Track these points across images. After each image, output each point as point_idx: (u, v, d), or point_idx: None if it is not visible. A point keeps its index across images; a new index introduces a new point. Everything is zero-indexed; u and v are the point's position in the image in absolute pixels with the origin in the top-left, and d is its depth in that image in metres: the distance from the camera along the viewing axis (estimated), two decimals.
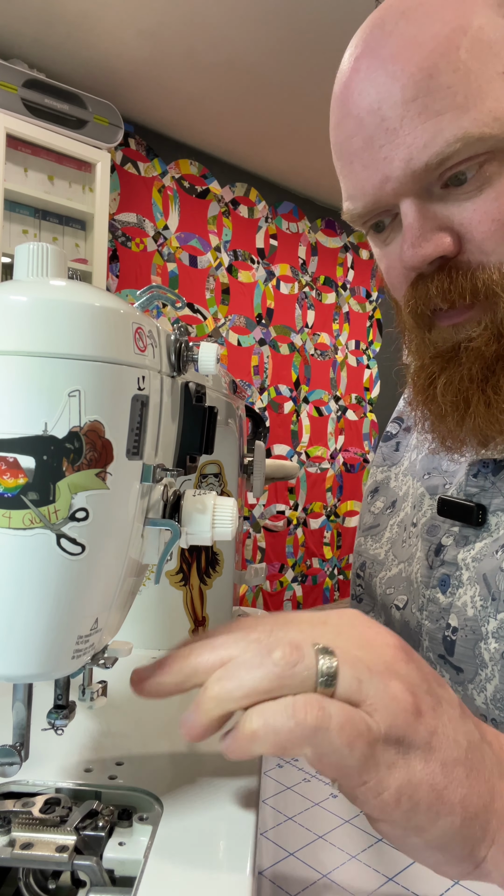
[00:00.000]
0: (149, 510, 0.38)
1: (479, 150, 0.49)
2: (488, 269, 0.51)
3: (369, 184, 0.54)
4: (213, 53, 2.48)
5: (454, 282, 0.52)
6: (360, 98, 0.52)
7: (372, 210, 0.56)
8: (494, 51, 0.49)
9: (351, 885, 0.41)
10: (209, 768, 0.43)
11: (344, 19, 2.18)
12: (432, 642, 0.62)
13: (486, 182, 0.50)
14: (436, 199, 0.52)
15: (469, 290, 0.52)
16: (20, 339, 0.30)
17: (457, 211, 0.52)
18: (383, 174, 0.52)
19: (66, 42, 2.42)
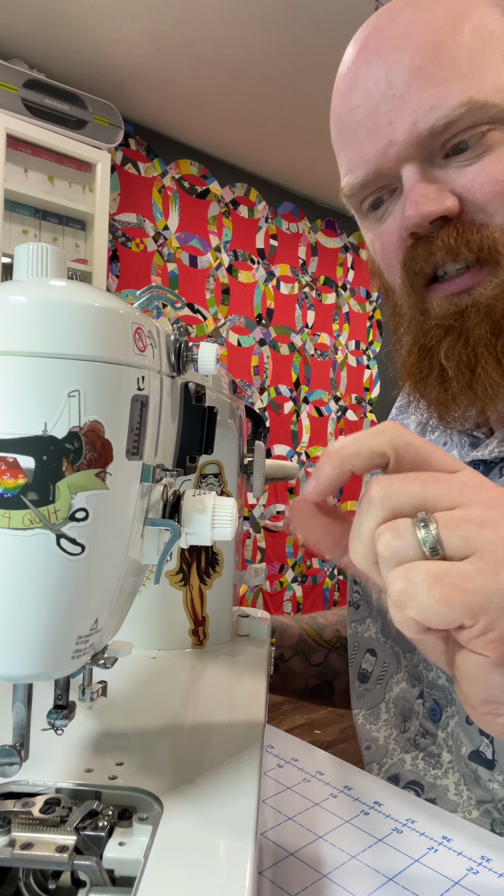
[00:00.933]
0: (148, 510, 0.38)
1: (481, 119, 0.50)
2: (491, 229, 0.52)
3: (372, 150, 0.54)
4: (214, 54, 2.48)
5: (461, 235, 0.52)
6: (368, 71, 0.54)
7: (374, 179, 0.56)
8: (495, 36, 0.52)
9: (351, 885, 0.41)
10: (209, 768, 0.43)
11: (344, 20, 2.18)
12: None
13: (488, 149, 0.51)
14: (437, 166, 0.53)
15: (476, 244, 0.52)
16: (20, 339, 0.30)
17: (457, 175, 0.52)
18: (388, 139, 0.53)
19: (66, 42, 2.42)
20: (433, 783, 0.60)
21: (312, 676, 0.84)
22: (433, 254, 0.54)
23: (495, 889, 0.42)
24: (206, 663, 0.61)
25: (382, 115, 0.53)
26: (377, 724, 0.69)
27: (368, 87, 0.53)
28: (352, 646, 0.75)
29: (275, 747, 0.59)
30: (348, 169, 0.58)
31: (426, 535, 0.31)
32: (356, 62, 0.55)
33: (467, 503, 0.32)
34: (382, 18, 0.55)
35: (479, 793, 0.56)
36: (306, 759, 0.57)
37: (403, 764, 0.64)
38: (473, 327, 0.53)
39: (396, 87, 0.52)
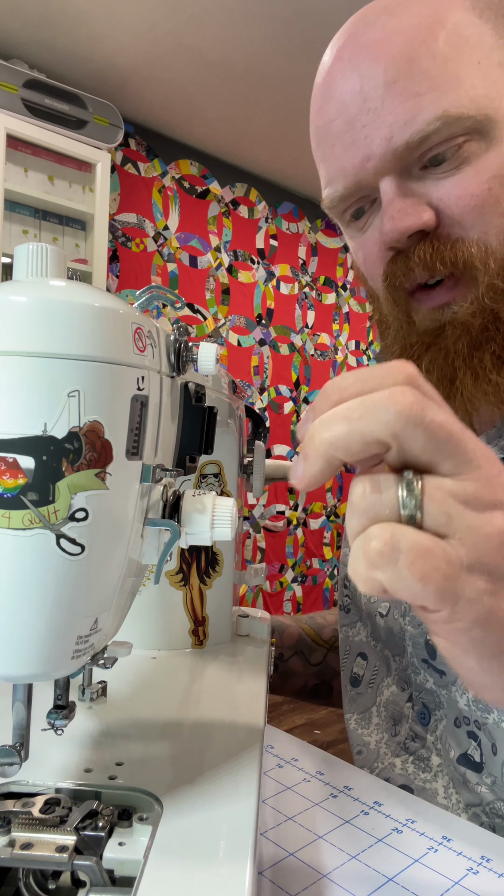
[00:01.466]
0: (148, 510, 0.38)
1: (457, 131, 0.51)
2: (467, 243, 0.52)
3: (350, 164, 0.54)
4: (214, 54, 2.48)
5: (436, 251, 0.53)
6: (343, 82, 0.54)
7: (352, 192, 0.56)
8: (470, 43, 0.51)
9: (351, 885, 0.41)
10: (209, 768, 0.43)
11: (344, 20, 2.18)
12: (415, 647, 0.62)
13: (465, 161, 0.52)
14: (415, 178, 0.53)
15: (450, 259, 0.52)
16: (20, 339, 0.30)
17: (435, 188, 0.53)
18: (364, 153, 0.53)
19: (66, 42, 2.42)
20: (423, 787, 0.60)
21: (311, 676, 0.84)
22: (411, 269, 0.54)
23: (495, 889, 0.42)
24: (206, 663, 0.61)
25: (358, 129, 0.53)
26: (368, 728, 0.69)
27: (344, 99, 0.54)
28: (343, 649, 0.75)
29: (275, 747, 0.59)
30: (328, 181, 0.58)
31: (408, 498, 0.30)
32: (331, 72, 0.56)
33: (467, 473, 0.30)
34: (358, 26, 0.55)
35: (468, 796, 0.56)
36: (306, 759, 0.57)
37: (394, 768, 0.64)
38: (452, 343, 0.54)
39: (372, 100, 0.52)
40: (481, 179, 0.51)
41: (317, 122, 0.58)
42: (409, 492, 0.30)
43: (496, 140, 0.51)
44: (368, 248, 0.59)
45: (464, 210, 0.52)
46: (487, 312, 0.53)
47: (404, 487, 0.30)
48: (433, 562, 0.29)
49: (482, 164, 0.51)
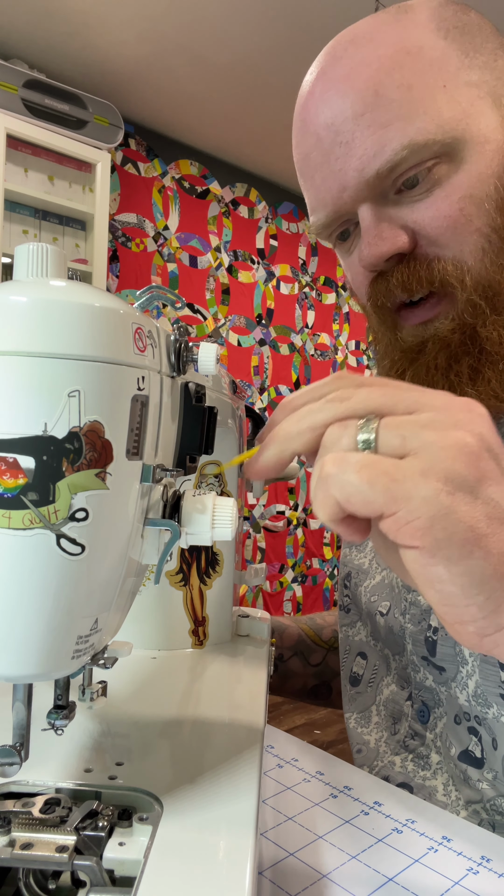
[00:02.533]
0: (148, 510, 0.38)
1: (425, 156, 0.53)
2: (443, 262, 0.54)
3: (329, 195, 0.57)
4: (214, 53, 2.48)
5: (412, 271, 0.55)
6: (316, 117, 0.56)
7: (334, 219, 0.59)
8: (436, 67, 0.53)
9: (351, 885, 0.41)
10: (209, 768, 0.43)
11: (344, 20, 2.18)
12: (415, 645, 0.62)
13: (436, 184, 0.54)
14: (391, 203, 0.55)
15: (426, 279, 0.55)
16: (20, 339, 0.30)
17: (410, 212, 0.55)
18: (340, 184, 0.56)
19: (66, 42, 2.42)
20: (422, 784, 0.60)
21: (311, 677, 0.84)
22: (391, 290, 0.57)
23: (495, 889, 0.42)
24: (206, 663, 0.61)
25: (333, 161, 0.55)
26: (368, 726, 0.70)
27: (319, 133, 0.56)
28: (343, 649, 0.75)
29: (275, 747, 0.59)
30: (311, 209, 0.61)
31: (364, 434, 0.33)
32: (306, 107, 0.58)
33: (422, 408, 0.33)
34: (327, 61, 0.57)
35: (468, 793, 0.57)
36: (306, 759, 0.57)
37: (393, 766, 0.64)
38: (432, 358, 0.56)
39: (343, 133, 0.54)
40: (452, 200, 0.53)
41: (297, 153, 0.60)
42: (366, 427, 0.33)
43: (465, 160, 0.53)
44: (354, 269, 0.61)
45: (438, 231, 0.54)
46: (467, 327, 0.55)
47: (363, 423, 0.33)
48: (379, 467, 0.32)
49: (452, 185, 0.53)
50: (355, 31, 0.57)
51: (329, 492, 0.33)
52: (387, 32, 0.55)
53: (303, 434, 0.36)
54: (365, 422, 0.33)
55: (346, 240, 0.61)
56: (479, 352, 0.55)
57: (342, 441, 0.33)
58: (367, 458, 0.32)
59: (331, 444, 0.34)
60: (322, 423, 0.35)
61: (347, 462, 0.32)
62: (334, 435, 0.34)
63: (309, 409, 0.36)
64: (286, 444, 0.36)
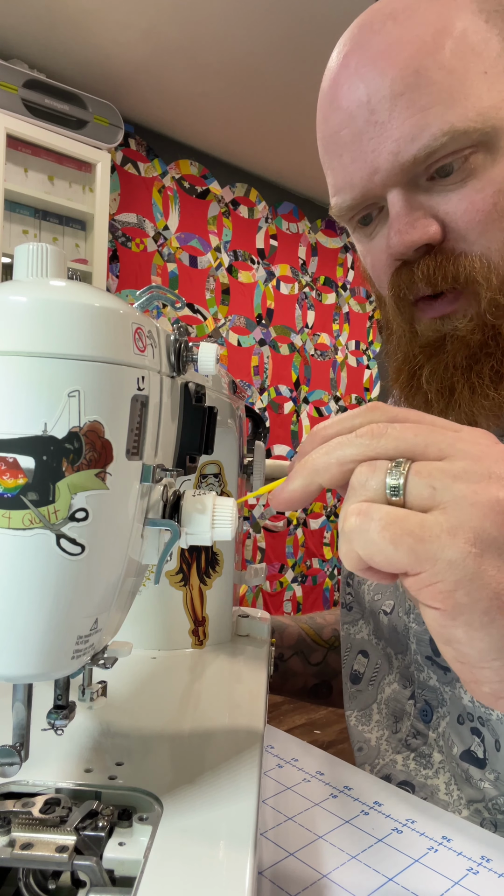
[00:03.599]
0: (148, 510, 0.38)
1: (464, 144, 0.51)
2: (470, 258, 0.53)
3: (357, 176, 0.55)
4: (213, 53, 2.48)
5: (439, 266, 0.53)
6: (350, 92, 0.53)
7: (360, 203, 0.57)
8: (476, 51, 0.51)
9: (351, 885, 0.41)
10: (209, 768, 0.43)
11: (344, 20, 2.17)
12: (419, 644, 0.62)
13: (471, 174, 0.52)
14: (422, 189, 0.53)
15: (452, 274, 0.53)
16: (20, 339, 0.30)
17: (442, 201, 0.53)
18: (372, 166, 0.53)
19: (66, 42, 2.42)
20: (424, 783, 0.60)
21: (311, 676, 0.84)
22: (414, 282, 0.55)
23: (495, 889, 0.42)
24: (206, 663, 0.61)
25: (365, 141, 0.53)
26: (369, 724, 0.69)
27: (350, 109, 0.53)
28: (344, 647, 0.75)
29: (275, 747, 0.59)
30: (335, 190, 0.58)
31: (393, 478, 0.31)
32: (337, 81, 0.55)
33: (455, 455, 0.32)
34: (364, 33, 0.54)
35: (470, 792, 0.57)
36: (306, 759, 0.57)
37: (395, 764, 0.64)
38: (451, 357, 0.55)
39: (378, 112, 0.52)
40: (486, 194, 0.51)
41: (324, 130, 0.58)
42: (395, 471, 0.32)
43: (502, 151, 0.51)
44: (375, 255, 0.59)
45: (469, 225, 0.52)
46: (488, 328, 0.53)
47: (392, 468, 0.32)
48: (404, 525, 0.30)
49: (488, 177, 0.51)
50: (393, 5, 0.53)
51: (352, 546, 0.32)
52: (428, 10, 0.52)
53: (330, 468, 0.34)
54: (395, 465, 0.32)
55: (367, 224, 0.59)
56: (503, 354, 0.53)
57: (370, 483, 0.32)
58: (391, 514, 0.31)
59: (358, 486, 0.32)
60: (351, 459, 0.34)
61: (371, 517, 0.31)
62: (362, 476, 0.33)
63: (339, 442, 0.34)
64: (313, 477, 0.35)
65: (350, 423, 0.35)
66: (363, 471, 0.33)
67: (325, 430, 0.36)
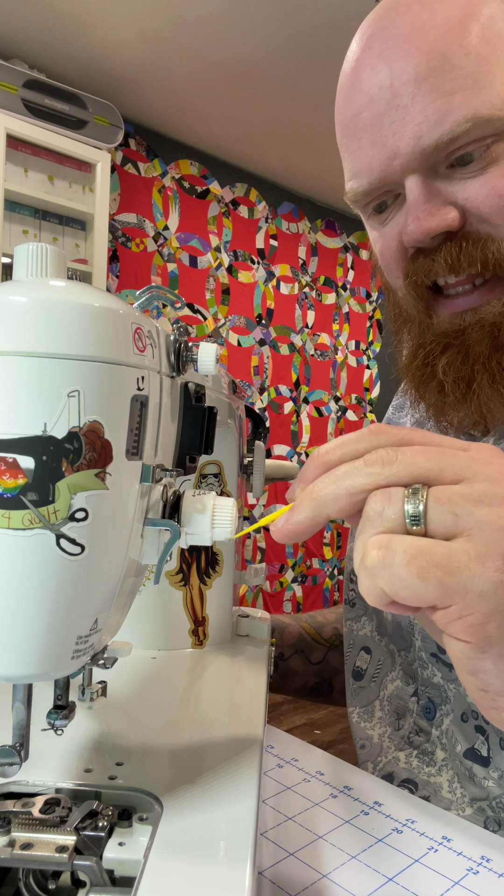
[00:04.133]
0: (148, 510, 0.38)
1: (486, 132, 0.50)
2: (497, 242, 0.52)
3: (376, 160, 0.53)
4: (213, 53, 2.48)
5: (464, 251, 0.52)
6: (372, 75, 0.52)
7: (377, 188, 0.55)
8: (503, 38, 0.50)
9: (351, 885, 0.41)
10: (209, 768, 0.43)
11: (344, 20, 2.18)
12: (424, 641, 0.62)
13: (493, 161, 0.51)
14: (441, 177, 0.52)
15: (479, 259, 0.52)
16: (19, 339, 0.30)
17: (461, 188, 0.52)
18: (392, 150, 0.52)
19: (66, 42, 2.42)
20: (427, 781, 0.60)
21: (312, 675, 0.84)
22: (433, 269, 0.54)
23: (495, 889, 0.42)
24: (206, 663, 0.61)
25: (386, 125, 0.52)
26: (371, 721, 0.69)
27: (372, 92, 0.52)
28: (347, 644, 0.75)
29: (275, 747, 0.59)
30: (352, 174, 0.57)
31: (412, 506, 0.30)
32: (360, 63, 0.54)
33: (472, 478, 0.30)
34: (388, 16, 0.53)
35: (473, 790, 0.56)
36: (306, 759, 0.57)
37: (397, 762, 0.64)
38: (474, 344, 0.54)
39: (401, 96, 0.51)
40: None
41: (343, 112, 0.56)
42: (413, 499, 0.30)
43: None
44: (388, 242, 0.58)
45: (492, 209, 0.51)
46: None
47: (409, 495, 0.30)
48: (431, 557, 0.29)
49: None
50: None
51: (376, 582, 0.30)
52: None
53: (340, 499, 0.32)
54: (412, 492, 0.30)
55: (381, 212, 0.57)
56: None
57: (387, 513, 0.30)
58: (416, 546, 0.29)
59: (374, 517, 0.31)
60: (362, 490, 0.32)
61: (395, 551, 0.29)
62: (378, 505, 0.31)
63: (348, 472, 0.32)
64: (321, 509, 0.33)
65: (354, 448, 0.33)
66: (378, 500, 0.31)
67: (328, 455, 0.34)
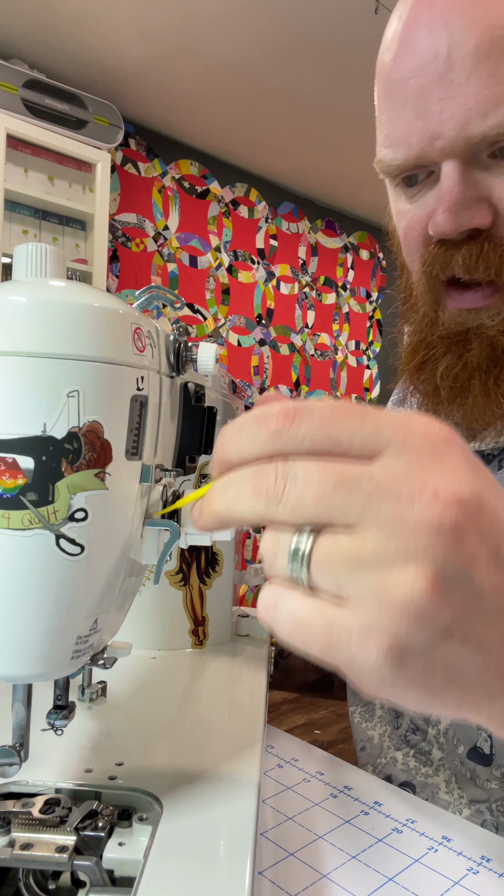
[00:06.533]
0: (148, 510, 0.38)
1: None
2: None
3: (417, 136, 0.50)
4: (214, 54, 2.48)
5: (482, 254, 0.50)
6: (429, 38, 0.48)
7: (413, 165, 0.52)
8: None
9: (351, 885, 0.41)
10: (209, 768, 0.43)
11: (343, 20, 2.18)
12: None
13: None
14: (480, 166, 0.50)
15: (495, 266, 0.50)
16: (19, 339, 0.30)
17: (499, 183, 0.49)
18: (435, 129, 0.48)
19: (66, 42, 2.42)
20: (424, 782, 0.60)
21: (312, 671, 0.84)
22: (450, 264, 0.51)
23: (495, 889, 0.42)
24: (206, 663, 0.61)
25: (434, 100, 0.48)
26: (372, 721, 0.69)
27: (426, 57, 0.48)
28: None
29: (275, 747, 0.59)
30: (388, 141, 0.52)
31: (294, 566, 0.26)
32: (417, 20, 0.49)
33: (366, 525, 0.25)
34: None
35: (474, 792, 0.56)
36: (306, 759, 0.57)
37: (395, 763, 0.64)
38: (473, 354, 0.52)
39: (455, 71, 0.46)
40: None
41: (388, 70, 0.51)
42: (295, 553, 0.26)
43: None
44: (412, 224, 0.55)
45: None
46: None
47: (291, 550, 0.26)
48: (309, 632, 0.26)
49: None
50: None
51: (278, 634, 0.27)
52: None
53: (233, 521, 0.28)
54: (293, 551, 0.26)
55: (411, 186, 0.54)
56: None
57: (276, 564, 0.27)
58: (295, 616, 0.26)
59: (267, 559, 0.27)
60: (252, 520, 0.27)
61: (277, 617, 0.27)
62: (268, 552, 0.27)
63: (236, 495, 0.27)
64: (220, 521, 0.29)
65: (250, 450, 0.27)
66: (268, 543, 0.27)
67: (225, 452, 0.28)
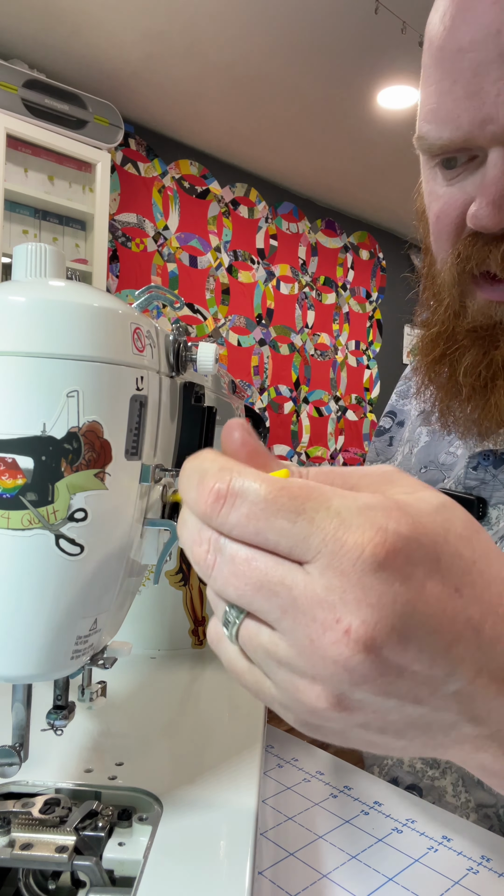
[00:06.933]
0: (148, 510, 0.38)
1: None
2: None
3: (466, 117, 0.46)
4: (214, 54, 2.48)
5: None
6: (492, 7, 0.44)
7: (459, 146, 0.49)
8: None
9: (351, 885, 0.41)
10: (209, 768, 0.43)
11: (344, 20, 2.18)
12: None
13: None
14: None
15: None
16: (19, 339, 0.30)
17: None
18: (488, 113, 0.45)
19: (66, 42, 2.42)
20: (431, 785, 0.60)
21: None
22: (486, 260, 0.49)
23: (495, 889, 0.42)
24: (206, 663, 0.61)
25: (491, 81, 0.44)
26: None
27: (485, 32, 0.44)
28: None
29: (275, 747, 0.59)
30: (432, 117, 0.49)
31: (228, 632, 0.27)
32: None
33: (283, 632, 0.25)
34: None
35: (481, 796, 0.56)
36: (306, 759, 0.57)
37: (402, 765, 0.63)
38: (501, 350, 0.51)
39: None
40: None
41: (442, 40, 0.47)
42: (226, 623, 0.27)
43: None
44: (447, 209, 0.52)
45: None
46: None
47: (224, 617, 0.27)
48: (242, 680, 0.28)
49: None
50: None
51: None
52: None
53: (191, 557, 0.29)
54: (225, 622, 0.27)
55: (450, 168, 0.51)
56: None
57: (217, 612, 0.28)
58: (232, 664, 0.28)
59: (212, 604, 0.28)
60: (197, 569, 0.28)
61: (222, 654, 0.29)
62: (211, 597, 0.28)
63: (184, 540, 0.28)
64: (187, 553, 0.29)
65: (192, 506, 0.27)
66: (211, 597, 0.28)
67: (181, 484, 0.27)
